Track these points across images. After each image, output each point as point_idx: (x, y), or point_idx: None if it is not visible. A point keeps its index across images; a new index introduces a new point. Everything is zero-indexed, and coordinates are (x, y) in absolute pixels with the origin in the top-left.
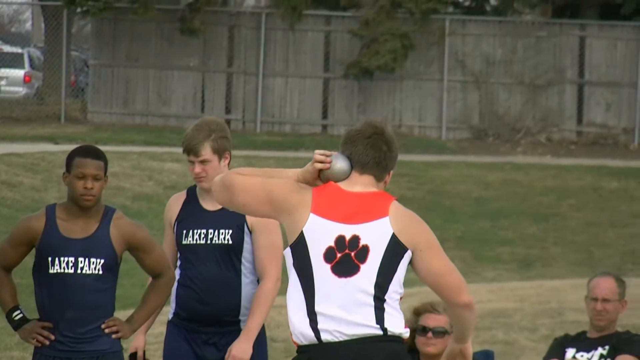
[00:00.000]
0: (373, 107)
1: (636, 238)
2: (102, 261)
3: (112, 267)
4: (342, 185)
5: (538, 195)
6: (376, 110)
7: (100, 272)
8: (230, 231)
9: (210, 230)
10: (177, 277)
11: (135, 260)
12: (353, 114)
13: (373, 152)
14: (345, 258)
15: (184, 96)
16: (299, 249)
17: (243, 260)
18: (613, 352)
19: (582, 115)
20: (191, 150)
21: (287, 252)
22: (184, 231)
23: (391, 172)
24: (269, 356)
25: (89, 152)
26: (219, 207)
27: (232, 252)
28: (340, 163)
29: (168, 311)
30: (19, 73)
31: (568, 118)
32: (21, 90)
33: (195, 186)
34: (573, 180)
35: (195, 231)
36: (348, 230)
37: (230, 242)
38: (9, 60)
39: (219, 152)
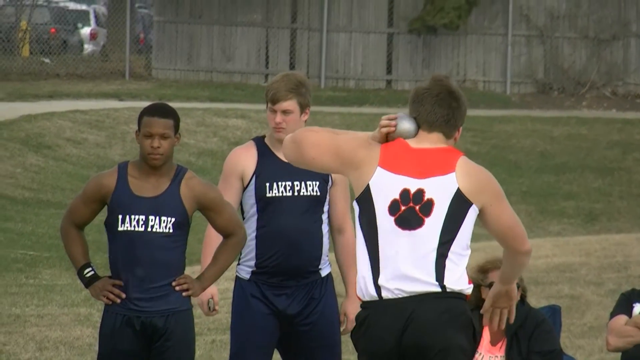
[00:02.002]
0: (437, 62)
1: None
2: (173, 220)
3: (182, 226)
4: (411, 142)
5: (603, 149)
6: (440, 66)
7: (171, 230)
8: (318, 183)
9: (297, 183)
10: (254, 231)
11: (207, 220)
12: (417, 69)
13: (441, 110)
14: (410, 211)
15: (247, 52)
16: (365, 201)
17: (324, 210)
18: None
19: None
20: (276, 100)
21: (354, 206)
22: (267, 184)
23: (460, 128)
24: None
25: (157, 110)
26: None
27: (318, 203)
28: (405, 124)
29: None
30: (84, 30)
31: (633, 71)
32: (87, 48)
33: (262, 138)
34: (638, 134)
35: (281, 183)
36: (413, 184)
37: (318, 193)
38: (75, 18)
39: (302, 106)
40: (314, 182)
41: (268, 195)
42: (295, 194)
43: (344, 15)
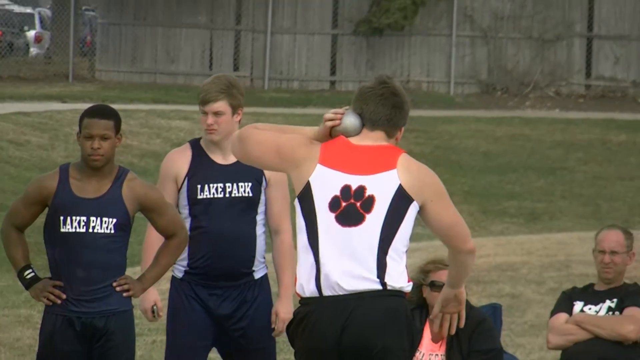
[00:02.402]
0: (381, 63)
1: None
2: (114, 221)
3: (124, 227)
4: (352, 139)
5: (546, 149)
6: (384, 66)
7: (112, 231)
8: (250, 184)
9: (229, 184)
10: (187, 232)
11: (149, 221)
12: (361, 71)
13: (384, 110)
14: (351, 207)
15: (192, 54)
16: (305, 198)
17: (258, 212)
18: (621, 305)
19: (591, 69)
20: (207, 101)
21: (296, 203)
22: (198, 186)
23: (402, 129)
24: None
25: (97, 112)
26: (232, 160)
27: (251, 205)
28: (350, 119)
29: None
30: (30, 33)
31: (577, 72)
32: (32, 51)
33: (197, 140)
34: (581, 134)
35: (212, 185)
36: (354, 181)
37: (251, 194)
38: (21, 21)
39: (234, 107)
40: (246, 184)
41: (199, 197)
42: (227, 195)
43: (289, 17)
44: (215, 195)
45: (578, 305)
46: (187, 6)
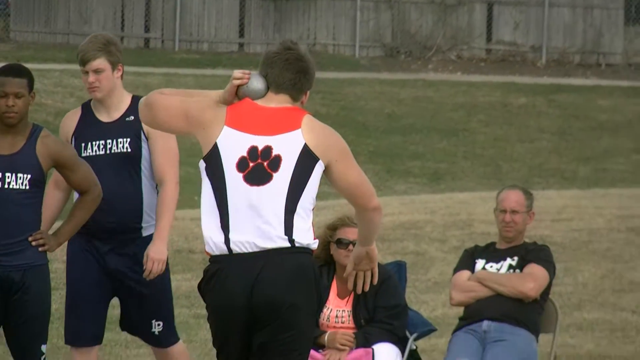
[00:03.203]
0: (288, 26)
1: (542, 152)
2: (29, 177)
3: (38, 183)
4: (258, 102)
5: (448, 111)
6: (291, 30)
7: (27, 187)
8: (128, 139)
9: (109, 141)
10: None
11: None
12: (269, 33)
13: (289, 74)
14: (258, 167)
15: (104, 15)
16: (213, 159)
17: (142, 167)
18: (521, 263)
19: (492, 34)
20: (87, 61)
21: (201, 164)
22: (82, 144)
23: (307, 92)
24: (188, 267)
25: (10, 71)
26: (115, 118)
27: (132, 160)
28: (256, 81)
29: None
30: None
31: (478, 36)
32: None
33: (89, 101)
34: (482, 97)
35: (94, 142)
36: (261, 142)
37: (129, 150)
38: None
39: (113, 63)
40: (125, 139)
41: (83, 154)
42: (107, 152)
43: None
44: (98, 153)
45: (480, 263)
46: None
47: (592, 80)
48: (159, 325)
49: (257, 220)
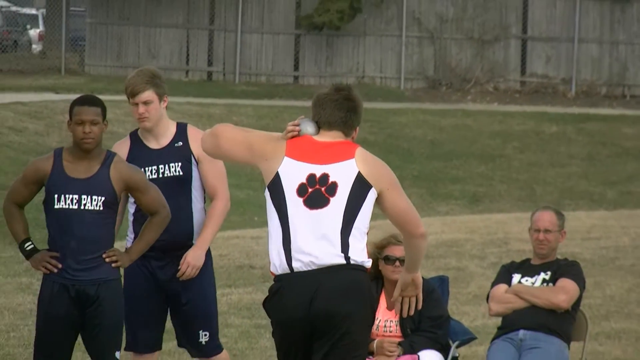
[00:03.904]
0: (339, 60)
1: (572, 177)
2: (103, 199)
3: (111, 204)
4: (314, 137)
5: (486, 139)
6: (342, 63)
7: (101, 208)
8: (180, 163)
9: (161, 166)
10: (132, 211)
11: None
12: (321, 67)
13: (340, 113)
14: (316, 192)
15: (170, 51)
16: (275, 187)
17: (192, 189)
18: (554, 277)
19: (525, 67)
20: (136, 93)
21: (266, 193)
22: None
23: (357, 128)
24: (249, 281)
25: (86, 100)
26: (164, 145)
27: (183, 183)
28: (307, 125)
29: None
30: (32, 32)
31: (513, 69)
32: (35, 48)
33: (136, 131)
34: (517, 125)
35: (147, 168)
36: (318, 170)
37: (181, 173)
38: (25, 20)
39: (159, 95)
40: (176, 164)
41: None
42: (160, 176)
43: (256, 18)
44: (150, 177)
45: (516, 278)
46: (165, 7)
47: (617, 110)
48: (205, 335)
49: (316, 241)
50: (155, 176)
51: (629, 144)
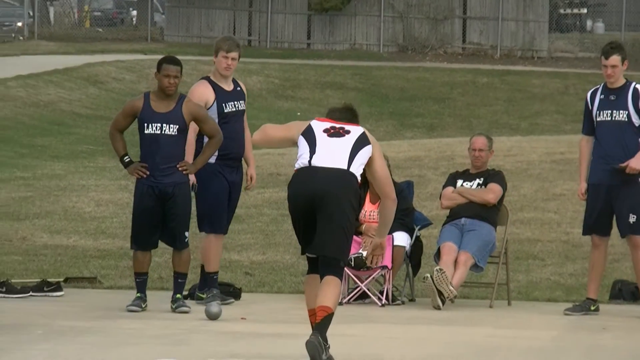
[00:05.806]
0: (338, 32)
1: (497, 113)
2: (177, 127)
3: (183, 131)
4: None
5: (438, 87)
6: (340, 35)
7: (175, 133)
8: (242, 101)
9: (235, 102)
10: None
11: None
12: (326, 36)
13: (346, 114)
14: (337, 130)
15: (222, 26)
16: (307, 131)
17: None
18: (485, 182)
19: (465, 38)
20: (231, 50)
21: (299, 139)
22: (223, 104)
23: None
24: (276, 184)
25: (171, 60)
26: (232, 88)
27: (243, 114)
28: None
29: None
30: (133, 12)
31: (457, 39)
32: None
33: (207, 77)
34: (459, 77)
35: (229, 103)
36: (337, 125)
37: (244, 107)
38: (129, 3)
39: (240, 55)
40: (242, 101)
41: (226, 111)
42: (237, 109)
43: (281, 3)
44: (232, 110)
45: (459, 182)
46: None
47: (528, 67)
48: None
49: (330, 156)
50: (234, 109)
51: (536, 90)
